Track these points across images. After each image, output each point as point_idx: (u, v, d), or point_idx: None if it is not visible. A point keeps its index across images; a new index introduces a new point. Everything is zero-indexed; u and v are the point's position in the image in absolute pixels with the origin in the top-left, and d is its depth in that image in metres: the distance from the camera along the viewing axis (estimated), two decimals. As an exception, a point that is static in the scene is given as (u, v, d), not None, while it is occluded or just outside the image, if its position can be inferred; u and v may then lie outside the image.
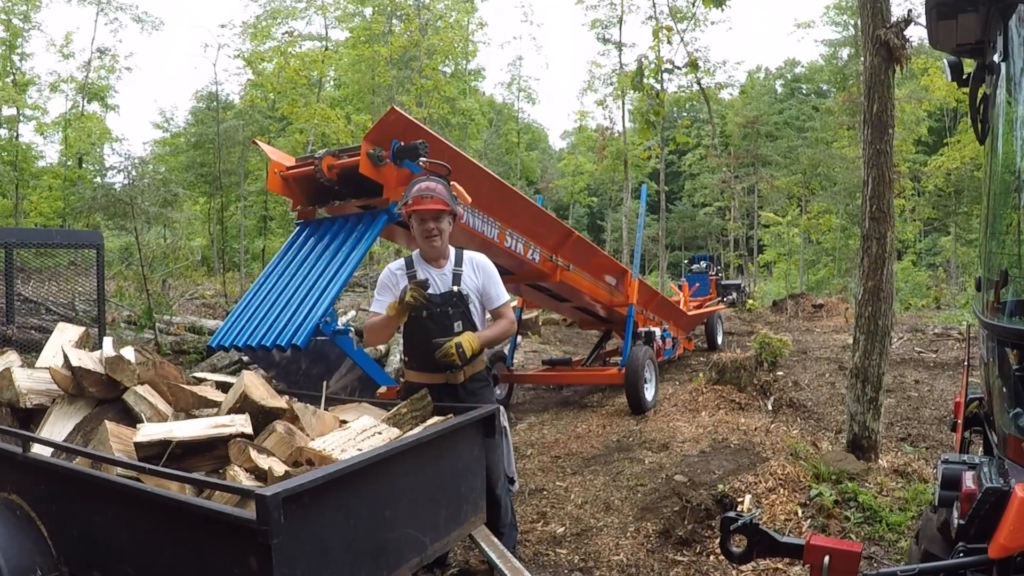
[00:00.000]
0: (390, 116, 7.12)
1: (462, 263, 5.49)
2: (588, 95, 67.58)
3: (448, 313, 5.30)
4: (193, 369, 11.74)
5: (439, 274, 5.40)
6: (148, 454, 3.69)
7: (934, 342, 18.11)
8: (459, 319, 5.32)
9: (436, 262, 5.44)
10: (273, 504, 2.86)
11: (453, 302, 5.32)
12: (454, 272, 5.42)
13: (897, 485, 6.93)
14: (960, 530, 2.81)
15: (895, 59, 7.41)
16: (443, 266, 5.45)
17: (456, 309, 5.32)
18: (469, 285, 5.42)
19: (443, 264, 5.46)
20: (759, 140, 56.99)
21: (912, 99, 40.28)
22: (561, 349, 18.39)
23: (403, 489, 3.89)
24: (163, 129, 56.31)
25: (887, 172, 7.45)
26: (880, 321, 7.52)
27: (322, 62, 36.16)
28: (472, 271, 5.48)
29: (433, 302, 5.25)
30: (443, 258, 5.46)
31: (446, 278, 5.40)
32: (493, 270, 5.61)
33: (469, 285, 5.42)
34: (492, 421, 4.73)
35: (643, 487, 7.29)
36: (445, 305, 5.30)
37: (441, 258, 5.45)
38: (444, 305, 5.30)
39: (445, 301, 5.31)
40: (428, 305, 5.21)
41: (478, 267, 5.53)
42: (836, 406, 10.98)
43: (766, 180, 51.37)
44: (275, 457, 3.80)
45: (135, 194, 18.63)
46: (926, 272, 43.82)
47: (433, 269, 5.41)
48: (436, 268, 5.42)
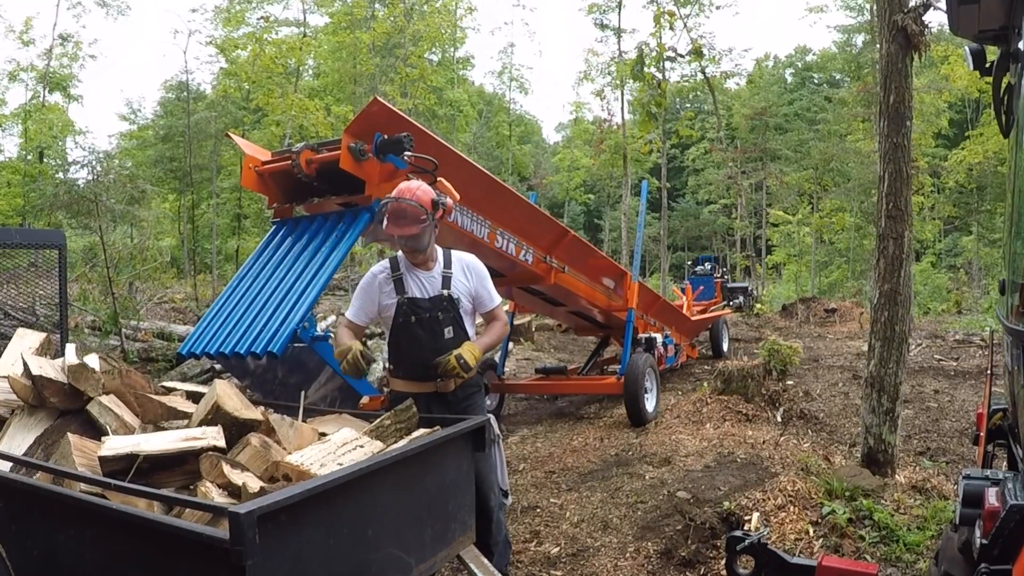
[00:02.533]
0: (373, 107, 7.10)
1: (451, 265, 5.47)
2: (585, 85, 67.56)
3: (439, 318, 5.29)
4: (162, 378, 11.71)
5: (427, 277, 5.39)
6: (113, 469, 3.67)
7: (955, 349, 18.15)
8: (450, 324, 5.32)
9: (424, 265, 5.42)
10: (247, 522, 2.85)
11: (443, 307, 5.31)
12: (443, 275, 5.40)
13: (915, 502, 6.94)
14: (983, 550, 2.81)
15: (913, 46, 7.43)
16: (432, 269, 5.43)
17: (447, 314, 5.31)
18: (459, 288, 5.41)
19: (431, 267, 5.43)
20: (767, 133, 57.07)
21: (931, 89, 40.38)
22: (556, 357, 18.41)
23: (387, 506, 3.88)
24: (130, 121, 56.52)
25: (905, 167, 7.47)
26: (897, 327, 7.53)
27: (300, 49, 36.17)
28: (462, 273, 5.48)
29: (422, 307, 5.27)
30: (431, 261, 5.43)
31: (435, 281, 5.38)
32: (484, 271, 5.61)
33: (459, 288, 5.41)
34: (482, 434, 4.71)
35: (643, 504, 7.30)
36: (435, 310, 5.29)
37: (429, 261, 5.42)
38: (434, 310, 5.29)
39: (435, 306, 5.30)
40: (417, 311, 5.24)
41: (469, 269, 5.53)
42: (850, 418, 10.99)
43: (775, 176, 51.43)
44: (250, 472, 3.78)
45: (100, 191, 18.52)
46: (946, 274, 43.93)
47: (421, 272, 5.40)
48: (424, 271, 5.41)
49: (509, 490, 5.70)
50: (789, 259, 52.52)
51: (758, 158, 54.55)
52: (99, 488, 3.51)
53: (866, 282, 34.80)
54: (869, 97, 38.61)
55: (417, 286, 5.34)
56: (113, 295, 15.71)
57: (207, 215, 43.75)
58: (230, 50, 37.76)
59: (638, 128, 39.26)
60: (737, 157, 51.58)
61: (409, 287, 5.35)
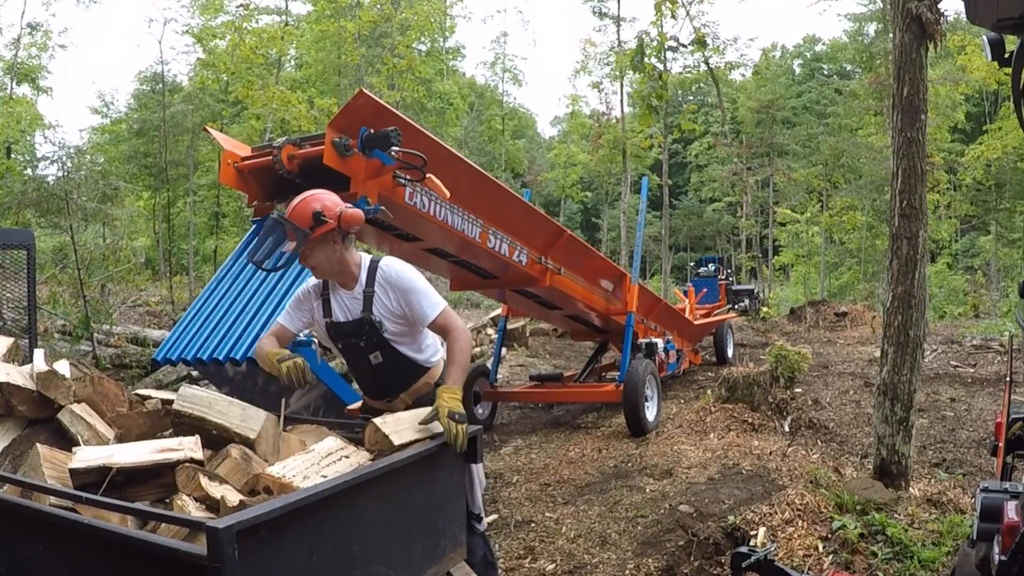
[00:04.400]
0: (358, 100, 7.09)
1: (374, 282, 5.06)
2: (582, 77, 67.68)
3: (360, 346, 5.08)
4: (136, 385, 11.70)
5: (349, 298, 5.08)
6: (85, 482, 3.66)
7: (972, 355, 18.19)
8: (376, 349, 5.07)
9: (346, 285, 5.09)
10: (226, 538, 2.84)
11: (366, 331, 5.03)
12: (365, 294, 5.05)
13: (930, 516, 6.95)
14: (1002, 567, 2.81)
15: (928, 35, 7.44)
16: (353, 288, 5.09)
17: (370, 339, 5.04)
18: (380, 310, 5.02)
19: (352, 286, 5.09)
20: (774, 127, 57.16)
21: (947, 81, 40.45)
22: (551, 363, 18.42)
23: (373, 521, 3.87)
24: (102, 115, 56.22)
25: (919, 163, 7.48)
26: (911, 331, 7.54)
27: (282, 39, 36.08)
28: (383, 291, 5.04)
29: (345, 332, 5.08)
30: (350, 280, 5.08)
31: (356, 303, 5.06)
32: (409, 282, 5.06)
33: (380, 310, 5.02)
34: (475, 444, 4.69)
35: (643, 519, 7.30)
36: (358, 336, 5.06)
37: (348, 281, 5.08)
38: (357, 336, 5.06)
39: (357, 331, 5.05)
40: (341, 336, 5.08)
41: (388, 284, 5.04)
42: (862, 427, 11.01)
43: (782, 172, 51.43)
44: (229, 485, 3.78)
45: (70, 188, 18.52)
46: (963, 276, 44.06)
47: (343, 292, 5.10)
48: (346, 291, 5.10)
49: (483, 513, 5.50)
50: (797, 260, 52.59)
51: (764, 153, 54.52)
52: (70, 502, 3.50)
53: (878, 284, 34.84)
54: (882, 89, 38.60)
55: (341, 308, 5.10)
56: (84, 298, 15.72)
57: (183, 214, 43.65)
58: (208, 39, 37.73)
59: (638, 122, 39.35)
60: (742, 152, 51.53)
61: (334, 309, 5.12)
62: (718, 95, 48.75)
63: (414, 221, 7.81)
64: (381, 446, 4.20)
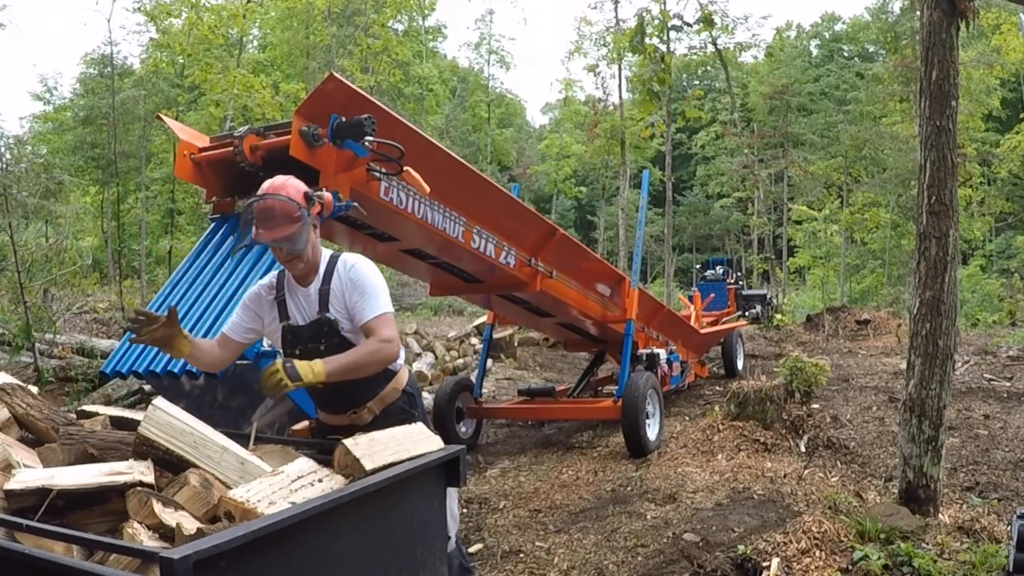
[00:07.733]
0: (328, 85, 7.08)
1: (331, 278, 4.99)
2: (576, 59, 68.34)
3: (320, 350, 4.87)
4: (82, 400, 11.69)
5: (306, 296, 5.01)
6: (22, 505, 3.63)
7: (1008, 367, 18.18)
8: (336, 353, 4.80)
9: (304, 280, 5.00)
10: (182, 569, 2.81)
11: (324, 333, 4.94)
12: (320, 292, 4.97)
13: (962, 546, 6.95)
14: (1039, 600, 2.82)
15: (960, 13, 7.44)
16: (309, 285, 5.02)
17: (329, 341, 4.92)
18: (337, 306, 4.95)
19: (310, 282, 5.02)
20: (789, 115, 57.34)
21: (980, 63, 40.58)
22: (542, 376, 18.43)
23: (345, 551, 3.85)
24: (44, 101, 56.16)
25: (949, 154, 7.48)
26: (940, 341, 7.53)
27: (243, 17, 35.96)
28: (339, 285, 4.96)
29: (302, 337, 4.97)
30: (311, 273, 5.01)
31: (312, 301, 4.99)
32: (362, 276, 4.98)
33: (337, 306, 4.95)
34: (456, 465, 4.67)
35: (644, 548, 7.30)
36: (316, 340, 4.95)
37: (310, 274, 5.01)
38: (315, 340, 4.95)
39: (315, 334, 4.96)
40: (298, 341, 4.97)
41: (342, 277, 4.96)
42: (886, 447, 11.02)
43: (798, 165, 51.59)
44: (185, 511, 3.76)
45: (9, 182, 18.50)
46: (998, 280, 44.09)
47: (300, 290, 5.03)
48: (302, 290, 5.03)
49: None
50: (814, 262, 52.69)
51: (778, 144, 54.72)
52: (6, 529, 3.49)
53: (904, 289, 34.92)
54: (908, 73, 38.76)
55: (297, 309, 5.02)
56: (25, 304, 15.66)
57: (135, 211, 43.47)
58: (162, 18, 37.60)
59: (638, 109, 39.39)
60: (754, 143, 51.75)
61: (291, 310, 5.03)
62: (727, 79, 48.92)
63: (390, 218, 7.81)
64: (352, 470, 4.18)
